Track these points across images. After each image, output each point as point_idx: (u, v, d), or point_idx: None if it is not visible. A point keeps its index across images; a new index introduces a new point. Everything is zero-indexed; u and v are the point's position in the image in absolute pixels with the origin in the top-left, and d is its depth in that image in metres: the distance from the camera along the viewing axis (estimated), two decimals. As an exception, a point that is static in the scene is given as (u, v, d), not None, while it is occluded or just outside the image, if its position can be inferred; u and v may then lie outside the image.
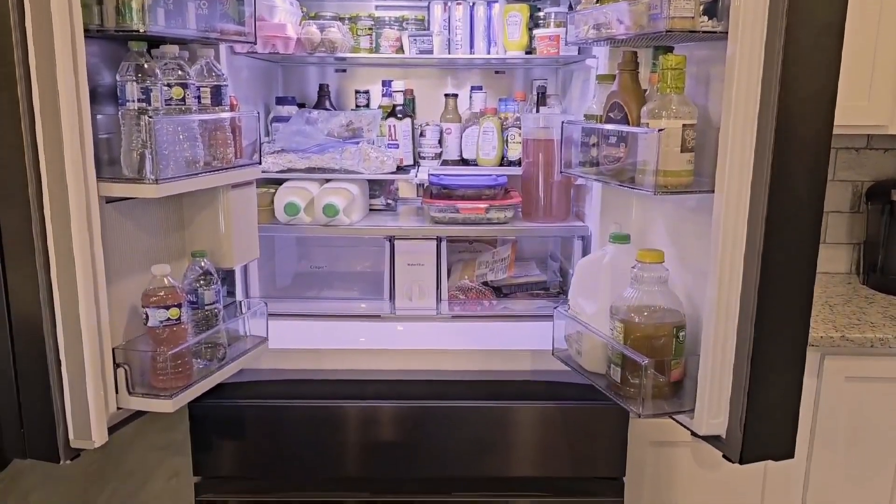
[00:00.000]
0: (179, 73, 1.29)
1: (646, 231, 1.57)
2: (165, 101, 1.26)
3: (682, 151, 1.24)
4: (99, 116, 1.24)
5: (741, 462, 1.24)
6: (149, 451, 3.27)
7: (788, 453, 1.27)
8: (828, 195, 1.20)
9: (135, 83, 1.22)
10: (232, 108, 1.51)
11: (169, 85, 1.27)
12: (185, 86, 1.29)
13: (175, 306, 1.29)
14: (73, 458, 1.27)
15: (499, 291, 1.93)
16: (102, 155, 1.24)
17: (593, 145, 1.47)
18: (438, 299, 1.84)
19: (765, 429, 1.24)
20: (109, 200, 1.28)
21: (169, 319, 1.29)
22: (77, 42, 1.12)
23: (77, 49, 1.12)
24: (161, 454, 3.25)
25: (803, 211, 1.17)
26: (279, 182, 1.86)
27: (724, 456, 1.28)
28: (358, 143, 1.89)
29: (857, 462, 1.87)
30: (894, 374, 1.81)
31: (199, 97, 1.35)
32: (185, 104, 1.29)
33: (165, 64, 1.28)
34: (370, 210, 2.00)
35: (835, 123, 1.15)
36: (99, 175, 1.19)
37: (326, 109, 2.08)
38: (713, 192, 1.19)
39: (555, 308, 1.55)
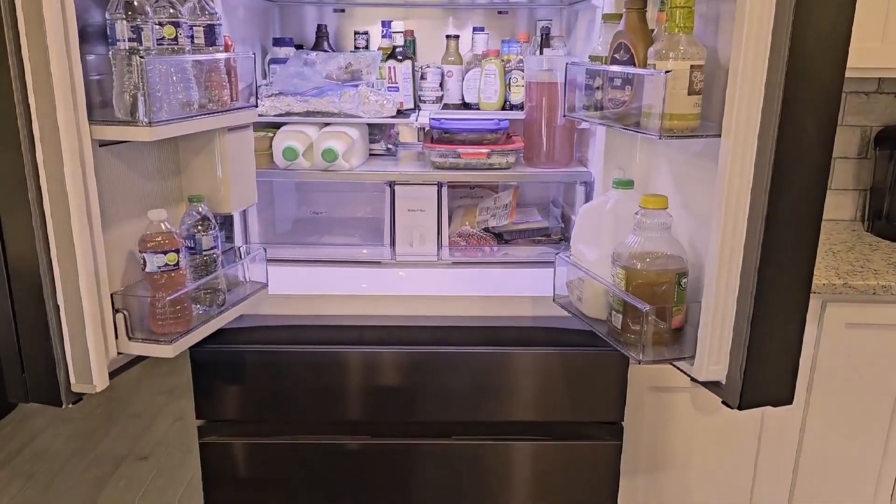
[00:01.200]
0: (171, 11, 1.24)
1: (650, 177, 1.54)
2: (157, 40, 1.22)
3: (689, 94, 1.21)
4: (89, 57, 1.21)
5: (740, 408, 1.25)
6: (153, 395, 3.32)
7: (787, 399, 1.27)
8: (835, 140, 1.18)
9: (124, 21, 1.18)
10: (227, 49, 1.47)
11: (160, 24, 1.23)
12: (177, 24, 1.25)
13: (173, 252, 1.28)
14: (76, 402, 1.28)
15: (500, 238, 1.92)
16: (94, 97, 1.21)
17: (598, 88, 1.44)
18: (439, 245, 1.83)
19: (764, 375, 1.24)
20: (103, 144, 1.25)
21: (167, 265, 1.27)
22: (63, -23, 1.08)
23: (64, -15, 1.08)
24: (165, 398, 3.31)
25: (812, 156, 1.14)
26: (277, 126, 1.82)
27: (723, 402, 1.29)
28: (357, 86, 1.85)
29: (854, 408, 1.89)
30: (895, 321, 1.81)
31: (192, 37, 1.31)
32: (177, 44, 1.26)
33: (156, 1, 1.23)
34: (370, 155, 1.97)
35: (846, 65, 1.12)
36: (91, 118, 1.17)
37: (325, 51, 2.03)
38: (720, 136, 1.17)
39: (556, 254, 1.54)
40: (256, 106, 1.52)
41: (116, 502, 2.54)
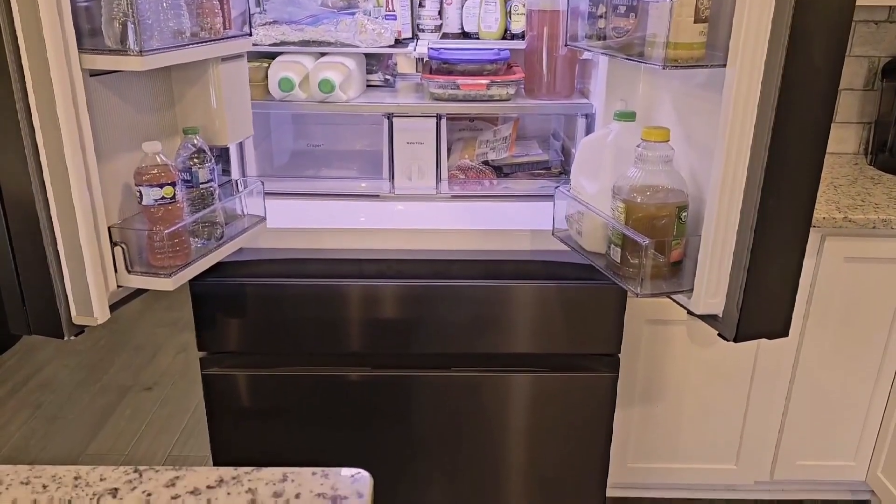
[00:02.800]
0: (159, -67, 1.19)
1: (652, 109, 1.51)
2: (145, -36, 1.18)
3: (695, 22, 1.17)
4: (76, -18, 1.17)
5: (736, 340, 1.26)
6: (156, 328, 3.36)
7: (783, 332, 1.28)
8: (842, 71, 1.15)
9: (111, -56, 1.13)
10: (218, -26, 1.42)
11: (148, -53, 1.18)
12: (165, -52, 1.20)
13: (169, 184, 1.26)
14: (78, 334, 1.29)
15: (499, 171, 1.90)
16: (83, 25, 1.17)
17: (601, 16, 1.40)
18: (438, 179, 1.81)
19: (761, 308, 1.25)
20: (93, 74, 1.22)
21: (163, 198, 1.26)
22: None
23: None
24: (168, 330, 3.34)
25: (818, 87, 1.12)
26: (272, 56, 1.78)
27: (719, 334, 1.30)
28: (353, 13, 1.80)
29: (848, 341, 1.91)
30: (894, 255, 1.81)
31: (181, -39, 1.26)
32: (166, -32, 1.21)
33: (143, -77, 1.18)
34: (367, 86, 1.93)
35: (858, -8, 1.08)
36: (80, 46, 1.14)
37: (320, -23, 1.96)
38: (725, 66, 1.14)
39: (556, 188, 1.53)
40: (250, 34, 1.48)
41: (123, 431, 2.60)
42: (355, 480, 0.85)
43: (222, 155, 1.71)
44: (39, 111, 1.11)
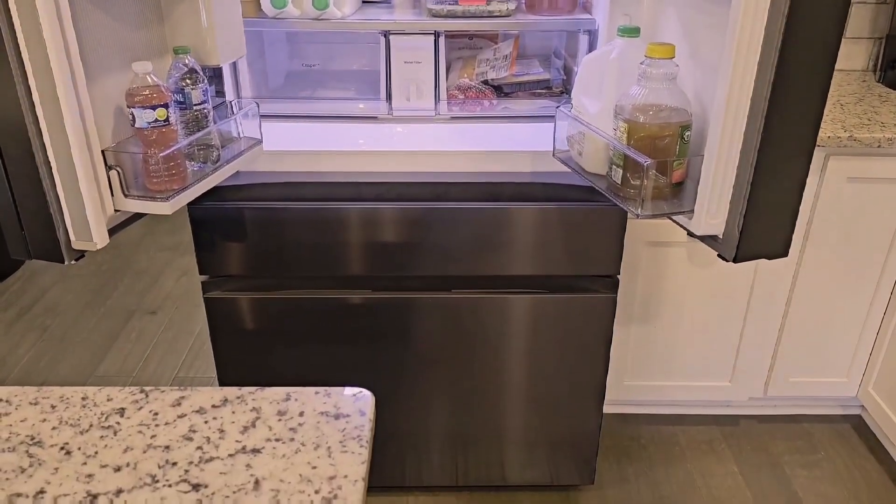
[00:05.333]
0: None
1: (657, 25, 1.47)
2: None
3: (704, -70, 1.12)
4: None
5: (735, 261, 1.26)
6: (158, 252, 3.38)
7: (783, 252, 1.28)
8: (858, -19, 1.10)
9: None
10: None
11: None
12: None
13: (161, 106, 1.24)
14: (78, 259, 1.29)
15: (499, 91, 1.86)
16: (64, -64, 1.12)
17: (606, -76, 1.33)
18: (437, 99, 1.77)
19: (762, 228, 1.24)
20: (78, -10, 1.18)
21: (157, 120, 1.24)
22: None
23: None
24: (169, 255, 3.36)
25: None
26: (263, -30, 1.71)
27: (719, 255, 1.30)
28: (347, -76, 1.72)
29: (847, 261, 1.92)
30: (898, 174, 1.79)
31: None
32: None
33: None
34: (363, 2, 1.86)
35: None
36: (61, -41, 1.09)
37: None
38: (734, -23, 1.10)
39: (557, 108, 1.50)
40: (239, -53, 1.42)
41: (130, 353, 2.65)
42: (357, 399, 0.87)
43: (215, 75, 1.67)
44: (24, 32, 1.08)
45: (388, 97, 1.77)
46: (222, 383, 1.81)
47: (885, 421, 2.02)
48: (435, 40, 1.72)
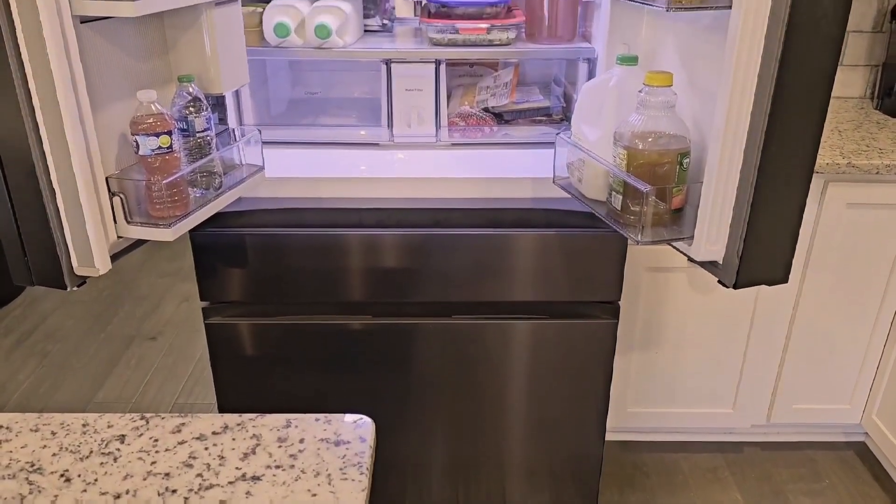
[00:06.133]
0: None
1: (655, 53, 1.49)
2: None
3: (700, -39, 1.14)
4: (62, -77, 1.13)
5: (735, 287, 1.27)
6: (159, 278, 3.38)
7: (783, 278, 1.29)
8: (851, 12, 1.12)
9: None
10: (209, -85, 1.38)
11: None
12: None
13: (165, 133, 1.25)
14: (80, 285, 1.29)
15: (500, 118, 1.88)
16: (72, -32, 1.14)
17: (604, -44, 1.36)
18: (438, 126, 1.79)
19: (761, 255, 1.25)
20: (84, 20, 1.20)
21: (160, 147, 1.25)
22: None
23: None
24: (170, 280, 3.36)
25: (825, 28, 1.09)
26: (266, 0, 1.74)
27: (719, 281, 1.30)
28: (349, -45, 1.75)
29: (848, 287, 1.92)
30: (896, 200, 1.80)
31: None
32: None
33: None
34: (365, 31, 1.89)
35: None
36: (70, -8, 1.11)
37: (314, -83, 1.90)
38: (730, 8, 1.11)
39: (557, 135, 1.51)
40: (244, -22, 1.45)
41: (129, 379, 2.64)
42: (358, 426, 0.87)
43: (218, 103, 1.69)
44: (31, 61, 1.09)
45: (390, 124, 1.79)
46: (222, 410, 1.81)
47: (890, 448, 2.01)
48: (436, 68, 1.74)
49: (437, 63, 1.74)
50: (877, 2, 2.18)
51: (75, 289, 1.29)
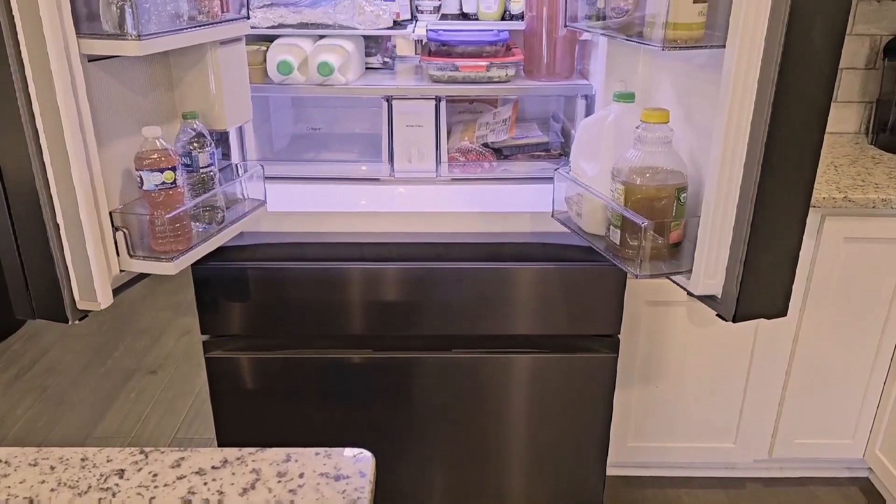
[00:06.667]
0: (155, -84, 1.19)
1: (651, 90, 1.51)
2: (142, -52, 1.17)
3: (694, 2, 1.17)
4: (73, -34, 1.16)
5: (734, 320, 1.27)
6: (159, 312, 3.38)
7: (781, 312, 1.29)
8: (843, 50, 1.14)
9: (107, -72, 1.12)
10: (215, -43, 1.41)
11: (145, -70, 1.17)
12: (162, -69, 1.20)
13: (169, 169, 1.27)
14: (82, 319, 1.30)
15: (499, 153, 1.90)
16: (80, 9, 1.17)
17: (600, -4, 1.39)
18: (438, 161, 1.81)
19: (760, 288, 1.26)
20: (92, 59, 1.22)
21: (164, 183, 1.27)
22: None
23: None
24: (171, 314, 3.36)
25: (818, 66, 1.11)
26: (270, 39, 1.78)
27: (717, 315, 1.31)
28: (352, -5, 1.79)
29: (847, 320, 1.92)
30: (893, 234, 1.81)
31: (178, -56, 1.26)
32: (163, -48, 1.21)
33: None
34: (367, 69, 1.92)
35: (859, -30, 1.08)
36: (78, 31, 1.13)
37: (318, -42, 1.95)
38: (724, 47, 1.14)
39: (556, 170, 1.53)
40: (248, 17, 1.48)
41: (129, 413, 2.62)
42: (358, 460, 0.87)
43: (222, 139, 1.71)
44: (39, 98, 1.12)
45: (391, 159, 1.81)
46: (221, 444, 1.80)
47: (893, 483, 1.99)
48: (436, 105, 1.76)
49: (438, 100, 1.76)
50: (869, 40, 2.22)
51: (76, 322, 1.30)
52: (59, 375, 2.87)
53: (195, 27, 1.30)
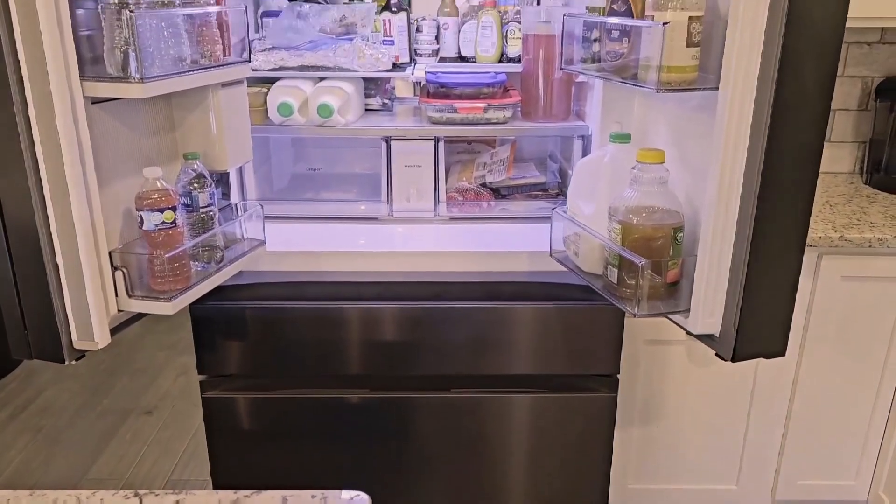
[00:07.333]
0: (160, -36, 1.22)
1: (647, 131, 1.53)
2: (147, -7, 1.20)
3: (687, 46, 1.19)
4: (79, 11, 1.19)
5: (733, 360, 1.27)
6: (156, 351, 3.36)
7: (780, 351, 1.29)
8: (836, 92, 1.17)
9: (113, -25, 1.15)
10: (218, 3, 1.44)
11: (150, -23, 1.20)
12: (167, -23, 1.23)
13: (169, 209, 1.28)
14: (79, 359, 1.30)
15: (497, 193, 1.92)
16: (85, 53, 1.19)
17: (595, 40, 1.42)
18: (436, 201, 1.83)
19: (758, 328, 1.26)
20: (95, 101, 1.24)
21: (164, 223, 1.28)
22: (48, -71, 1.05)
23: (49, -63, 1.05)
24: (168, 353, 3.34)
25: (810, 108, 1.13)
26: (271, 81, 1.80)
27: (716, 354, 1.30)
28: (352, 39, 1.82)
29: (847, 359, 1.91)
30: (890, 273, 1.81)
31: (182, -10, 1.29)
32: (167, -2, 1.24)
33: (145, -46, 1.21)
34: (366, 110, 1.95)
35: (848, 15, 1.10)
36: (82, 74, 1.16)
37: (318, 3, 1.99)
38: (718, 89, 1.16)
39: (553, 209, 1.54)
40: (249, 60, 1.51)
41: (124, 454, 2.59)
42: (355, 503, 0.86)
43: (222, 179, 1.72)
44: (42, 139, 1.13)
45: (390, 199, 1.82)
46: (217, 486, 1.77)
47: (899, 526, 1.96)
48: (434, 145, 1.79)
49: (436, 140, 1.79)
50: (861, 82, 2.26)
51: (73, 363, 1.29)
52: (53, 416, 2.84)
53: (197, 70, 1.32)
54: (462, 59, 2.01)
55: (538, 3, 1.94)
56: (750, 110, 1.14)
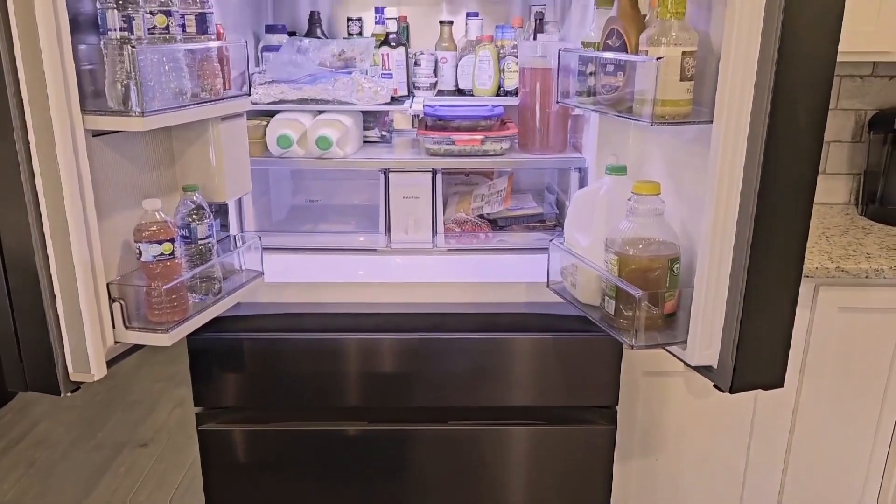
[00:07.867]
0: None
1: (643, 163, 1.55)
2: (148, 29, 1.22)
3: (681, 80, 1.21)
4: (81, 46, 1.21)
5: (731, 391, 1.26)
6: (152, 383, 3.34)
7: (778, 383, 1.28)
8: (829, 124, 1.18)
9: (115, 10, 1.17)
10: (219, 37, 1.47)
11: (151, 13, 1.22)
12: (168, 13, 1.25)
13: (168, 241, 1.28)
14: (74, 391, 1.29)
15: (495, 224, 1.93)
16: (87, 87, 1.21)
17: (591, 74, 1.44)
18: (434, 232, 1.83)
19: (756, 359, 1.25)
20: (96, 134, 1.25)
21: (162, 254, 1.28)
22: (53, -33, 1.07)
23: (54, -26, 1.07)
24: (164, 385, 3.32)
25: (803, 140, 1.15)
26: (271, 114, 1.82)
27: (714, 385, 1.30)
28: (351, 73, 1.85)
29: (846, 390, 1.91)
30: (888, 304, 1.82)
31: (183, 25, 1.31)
32: (169, 33, 1.25)
33: (147, -10, 1.23)
34: (364, 142, 1.97)
35: (840, 50, 1.12)
36: (84, 108, 1.17)
37: (318, 38, 2.02)
38: (712, 122, 1.17)
39: (550, 241, 1.55)
40: (249, 94, 1.52)
41: (117, 488, 2.56)
42: (349, 538, 0.85)
43: (221, 210, 1.73)
44: (42, 170, 1.14)
45: (388, 230, 1.83)
46: (211, 521, 1.75)
47: (904, 561, 1.93)
48: (432, 177, 1.80)
49: (434, 172, 1.80)
50: (854, 114, 2.28)
51: (69, 395, 1.29)
52: (48, 448, 2.81)
53: (198, 104, 1.33)
54: (460, 92, 2.03)
55: (535, 38, 1.97)
56: (744, 143, 1.15)
